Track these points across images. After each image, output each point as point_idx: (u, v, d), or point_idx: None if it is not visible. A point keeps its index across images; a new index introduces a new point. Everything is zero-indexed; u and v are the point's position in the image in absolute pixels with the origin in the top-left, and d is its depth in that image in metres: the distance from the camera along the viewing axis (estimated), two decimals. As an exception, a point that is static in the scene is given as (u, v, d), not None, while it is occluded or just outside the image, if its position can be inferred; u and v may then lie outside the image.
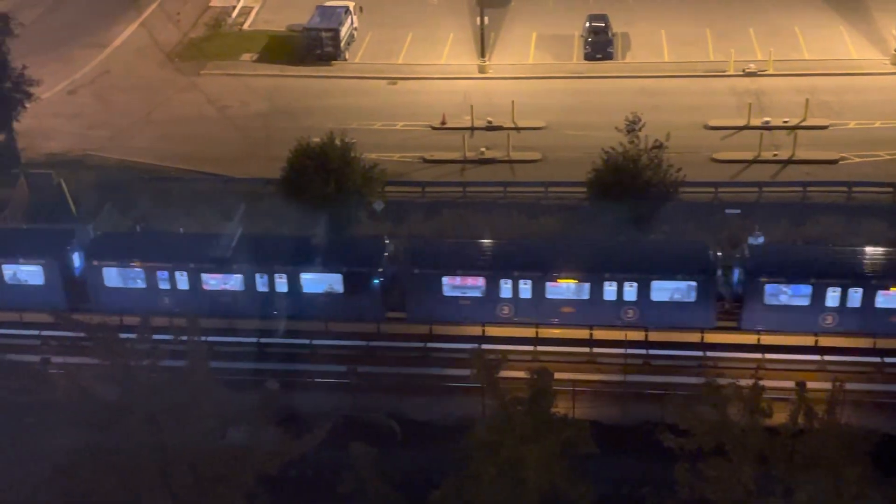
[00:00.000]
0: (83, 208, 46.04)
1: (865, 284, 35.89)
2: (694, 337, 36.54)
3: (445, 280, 37.58)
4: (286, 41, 63.83)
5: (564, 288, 37.21)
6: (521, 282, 37.06)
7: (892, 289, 35.85)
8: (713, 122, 53.28)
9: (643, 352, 36.61)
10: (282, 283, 37.92)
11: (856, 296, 35.92)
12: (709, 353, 36.13)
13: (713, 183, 46.71)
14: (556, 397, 27.70)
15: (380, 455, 28.16)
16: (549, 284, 37.02)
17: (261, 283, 38.03)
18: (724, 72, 58.79)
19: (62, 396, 30.91)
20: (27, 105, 47.46)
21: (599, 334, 36.98)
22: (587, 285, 36.81)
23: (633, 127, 41.78)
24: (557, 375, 29.16)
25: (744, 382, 25.81)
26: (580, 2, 67.51)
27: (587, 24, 62.39)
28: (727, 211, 44.92)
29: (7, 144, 48.10)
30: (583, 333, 37.01)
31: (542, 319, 37.52)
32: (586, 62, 61.14)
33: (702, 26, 64.38)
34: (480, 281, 37.54)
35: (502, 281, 37.14)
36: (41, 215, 45.51)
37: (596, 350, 36.75)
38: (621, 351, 36.15)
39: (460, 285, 37.84)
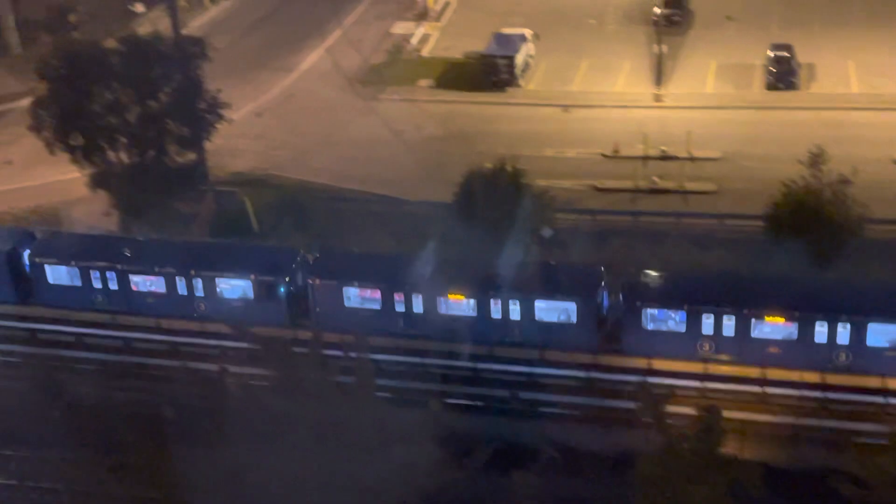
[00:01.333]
0: (265, 224, 47.77)
1: (738, 313, 35.42)
2: (874, 382, 34.44)
3: (346, 291, 38.69)
4: (463, 67, 64.50)
5: (454, 304, 37.97)
6: (414, 297, 38.03)
7: (767, 318, 35.21)
8: (904, 157, 50.29)
9: (820, 395, 34.85)
10: (199, 287, 39.70)
11: (729, 324, 35.46)
12: (892, 400, 33.91)
13: (902, 220, 44.04)
14: (725, 436, 26.72)
15: (541, 483, 27.82)
16: (440, 300, 37.88)
17: (181, 286, 39.91)
18: (917, 104, 55.49)
19: (237, 405, 32.10)
20: (218, 126, 49.11)
21: (773, 374, 35.40)
22: (474, 302, 37.71)
23: (816, 160, 40.01)
24: (727, 414, 28.17)
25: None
26: (763, 31, 65.52)
27: (770, 53, 60.22)
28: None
29: (197, 163, 49.74)
30: (753, 372, 35.52)
31: (433, 334, 37.86)
32: (768, 92, 59.04)
33: (894, 56, 61.20)
34: (377, 294, 38.56)
35: (396, 295, 38.21)
36: (226, 230, 47.44)
37: (769, 390, 35.16)
38: (796, 392, 34.56)
39: (362, 297, 38.98)
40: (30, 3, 76.87)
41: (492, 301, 37.59)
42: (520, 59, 61.76)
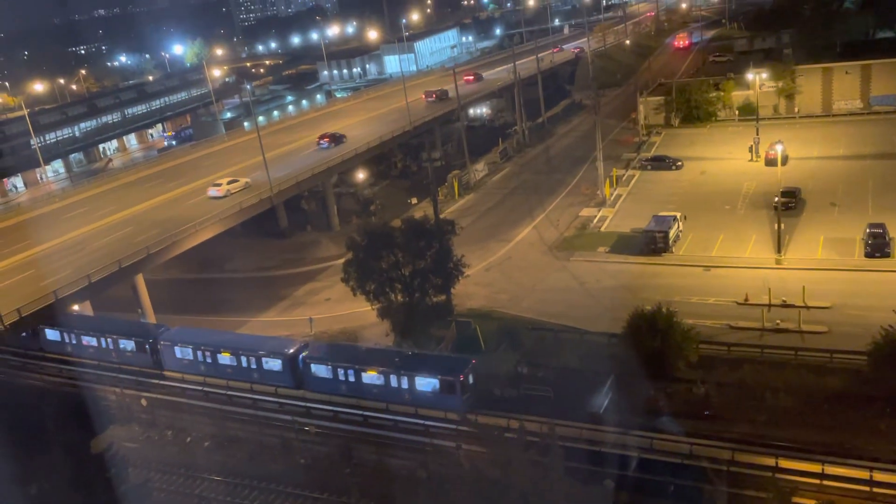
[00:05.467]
0: (489, 345, 48.23)
1: (354, 367, 41.54)
2: None
3: (176, 349, 46.46)
4: (630, 239, 63.77)
5: (225, 357, 45.10)
6: (199, 352, 45.79)
7: (369, 371, 41.08)
8: None
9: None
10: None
11: (350, 373, 41.66)
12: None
13: None
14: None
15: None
16: (219, 355, 45.23)
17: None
18: None
19: (464, 473, 31.79)
20: (460, 278, 50.62)
21: (880, 476, 31.31)
22: (234, 358, 44.84)
23: (909, 310, 36.35)
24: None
25: None
26: (860, 214, 60.97)
27: (867, 230, 55.77)
28: None
29: (446, 302, 51.31)
30: (863, 474, 31.54)
31: (212, 375, 45.26)
32: (866, 259, 54.26)
33: (974, 232, 54.91)
34: (190, 350, 46.05)
35: (199, 352, 45.71)
36: (462, 350, 48.19)
37: (876, 490, 31.04)
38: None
39: (183, 352, 46.40)
40: (347, 199, 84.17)
41: (243, 357, 44.68)
42: (672, 233, 60.49)
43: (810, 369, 40.73)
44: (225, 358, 45.28)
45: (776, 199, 59.20)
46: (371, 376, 41.12)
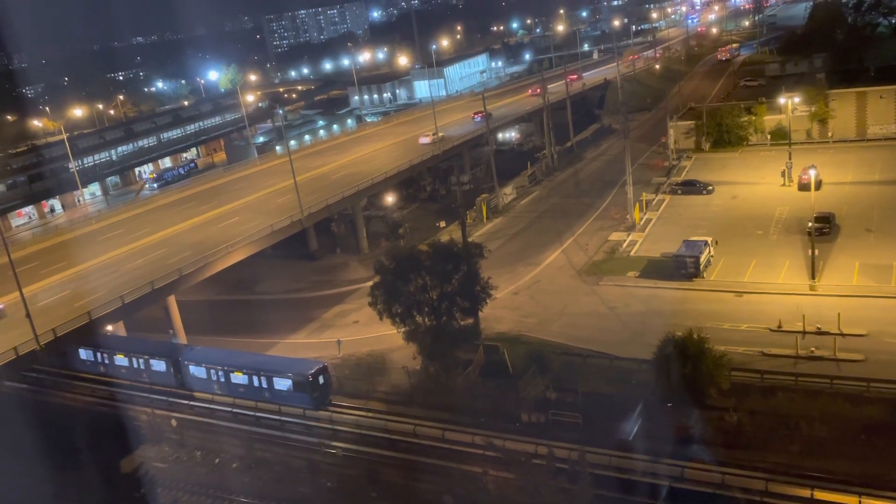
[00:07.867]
0: (517, 369, 47.91)
1: (223, 369, 47.87)
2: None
3: (81, 351, 53.64)
4: (660, 264, 63.07)
5: (121, 359, 52.39)
6: (98, 354, 53.03)
7: (236, 373, 47.38)
8: None
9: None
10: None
11: (221, 373, 48.08)
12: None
13: None
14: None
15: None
16: (116, 357, 52.56)
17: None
18: None
19: (491, 498, 31.62)
20: (488, 301, 50.50)
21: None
22: (128, 360, 52.17)
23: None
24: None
25: None
26: (898, 238, 59.90)
27: (905, 256, 54.77)
28: None
29: (474, 326, 51.31)
30: None
31: (111, 375, 52.29)
32: (904, 285, 53.23)
33: None
34: (91, 353, 53.27)
35: (98, 354, 52.88)
36: (489, 374, 47.87)
37: None
38: None
39: (95, 357, 53.47)
40: (376, 221, 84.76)
41: (134, 360, 51.41)
42: (703, 258, 59.71)
43: (846, 398, 39.79)
44: (121, 359, 52.55)
45: (810, 224, 58.32)
46: (238, 377, 47.57)
